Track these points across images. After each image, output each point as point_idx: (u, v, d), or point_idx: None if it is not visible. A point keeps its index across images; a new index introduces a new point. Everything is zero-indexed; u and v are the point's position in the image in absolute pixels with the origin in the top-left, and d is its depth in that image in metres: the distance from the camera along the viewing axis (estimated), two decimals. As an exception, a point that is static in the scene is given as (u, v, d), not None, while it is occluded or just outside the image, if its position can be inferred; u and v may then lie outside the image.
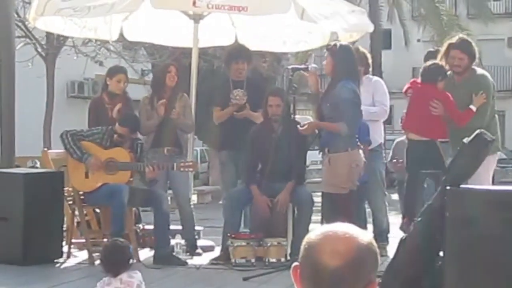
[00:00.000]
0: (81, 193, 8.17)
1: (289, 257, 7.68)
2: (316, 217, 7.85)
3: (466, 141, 5.70)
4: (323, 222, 7.36)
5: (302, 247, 2.04)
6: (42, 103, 20.35)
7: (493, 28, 32.16)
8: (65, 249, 8.14)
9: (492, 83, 7.95)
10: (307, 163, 8.42)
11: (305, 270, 2.02)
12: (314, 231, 2.05)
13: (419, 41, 34.73)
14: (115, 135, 8.07)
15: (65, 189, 8.22)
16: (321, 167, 7.69)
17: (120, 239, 5.60)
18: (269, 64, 21.61)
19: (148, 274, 5.86)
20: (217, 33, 9.75)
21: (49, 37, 18.80)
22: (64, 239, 8.22)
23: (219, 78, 13.27)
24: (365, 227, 8.00)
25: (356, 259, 1.97)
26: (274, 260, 7.68)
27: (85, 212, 8.40)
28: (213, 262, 7.92)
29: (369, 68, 8.79)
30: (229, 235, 7.81)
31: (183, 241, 8.31)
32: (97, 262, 7.83)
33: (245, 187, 8.11)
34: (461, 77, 7.77)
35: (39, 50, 19.55)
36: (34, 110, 20.60)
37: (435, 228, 5.53)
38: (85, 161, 8.00)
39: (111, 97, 8.64)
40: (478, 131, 5.77)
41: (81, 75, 24.64)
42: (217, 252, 8.24)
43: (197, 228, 8.90)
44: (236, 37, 9.72)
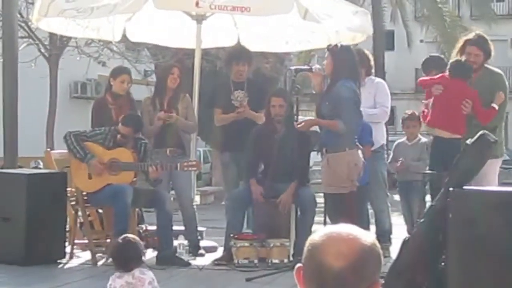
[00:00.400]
0: (84, 193, 8.17)
1: (292, 258, 7.68)
2: (319, 218, 7.84)
3: (469, 142, 5.70)
4: (326, 223, 7.37)
5: (305, 248, 2.04)
6: (45, 104, 20.37)
7: (496, 29, 32.11)
8: (68, 249, 8.14)
9: (505, 81, 7.88)
10: (310, 164, 8.42)
11: (309, 271, 2.02)
12: (317, 232, 2.05)
13: (422, 42, 34.75)
14: (118, 135, 8.08)
15: (68, 189, 8.22)
16: (320, 168, 7.68)
17: (131, 235, 5.58)
18: (272, 65, 21.58)
19: (150, 274, 5.85)
20: (219, 34, 9.75)
21: (52, 37, 18.82)
22: (66, 239, 8.22)
23: (221, 79, 13.28)
24: (367, 228, 7.99)
25: (359, 260, 1.97)
26: (277, 261, 7.68)
27: (88, 212, 8.41)
28: (216, 262, 7.92)
29: (371, 69, 8.78)
30: (232, 235, 7.81)
31: (185, 242, 8.30)
32: (100, 262, 7.85)
33: (247, 188, 8.11)
34: (475, 74, 7.65)
35: (42, 50, 19.56)
36: (37, 110, 20.62)
37: (438, 229, 5.53)
38: (87, 162, 8.00)
39: (115, 98, 8.65)
40: (481, 132, 5.77)
41: (84, 75, 24.67)
42: (220, 252, 8.24)
43: (199, 228, 8.90)
44: (238, 37, 9.73)
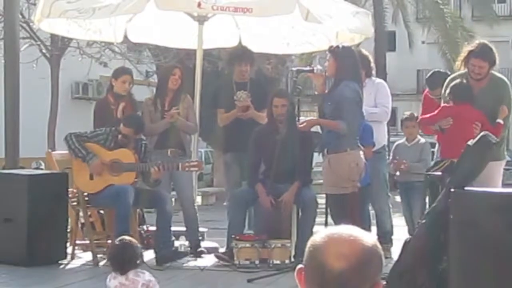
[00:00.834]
0: (85, 194, 8.17)
1: (293, 259, 7.67)
2: (320, 219, 7.84)
3: (470, 143, 5.70)
4: (327, 223, 7.37)
5: (306, 249, 2.03)
6: (46, 104, 20.39)
7: (498, 30, 32.15)
8: (69, 250, 8.14)
9: (507, 86, 7.70)
10: (312, 164, 8.41)
11: (310, 272, 2.02)
12: (318, 233, 2.05)
13: (423, 43, 34.77)
14: (120, 135, 8.08)
15: (69, 190, 8.22)
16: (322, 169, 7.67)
17: (129, 237, 5.57)
18: (274, 66, 21.59)
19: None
20: (221, 34, 9.74)
21: (53, 38, 18.84)
22: (68, 240, 8.22)
23: (224, 79, 13.28)
24: (369, 229, 7.99)
25: (361, 261, 1.97)
26: (278, 261, 7.68)
27: (89, 213, 8.41)
28: (218, 255, 7.91)
29: (372, 70, 8.77)
30: (233, 236, 7.81)
31: (187, 243, 8.30)
32: (101, 263, 7.85)
33: (249, 189, 8.11)
34: (480, 83, 7.45)
35: (44, 51, 19.59)
36: (38, 111, 20.63)
37: (439, 230, 5.53)
38: (88, 161, 8.00)
39: (116, 98, 8.65)
40: (482, 133, 5.77)
41: (85, 76, 24.67)
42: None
43: (201, 229, 8.89)
44: (240, 38, 9.73)
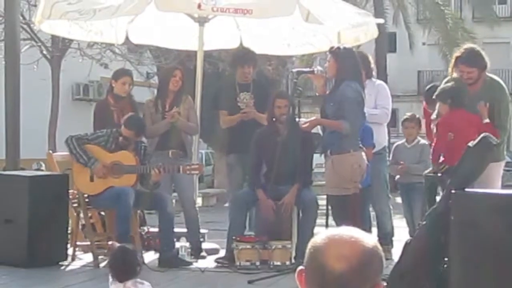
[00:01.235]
0: (86, 195, 8.17)
1: (293, 260, 7.67)
2: (320, 220, 7.84)
3: (471, 144, 5.70)
4: (328, 225, 7.37)
5: (307, 251, 2.03)
6: (47, 106, 20.38)
7: (498, 31, 32.19)
8: (70, 251, 8.13)
9: (503, 88, 7.50)
10: (312, 166, 8.41)
11: (311, 274, 2.02)
12: (319, 235, 2.05)
13: (424, 44, 34.79)
14: (120, 137, 8.07)
15: (70, 191, 8.22)
16: (324, 170, 7.67)
17: (128, 244, 5.55)
18: (274, 67, 21.58)
19: (153, 277, 5.86)
20: (222, 36, 9.74)
21: (54, 39, 18.82)
22: (68, 241, 8.22)
23: (224, 81, 13.27)
24: (369, 230, 7.99)
25: (361, 263, 1.97)
26: (278, 263, 7.68)
27: (89, 214, 8.40)
28: (218, 261, 7.91)
29: (372, 72, 8.76)
30: (234, 238, 7.81)
31: (187, 244, 8.30)
32: (102, 264, 7.85)
33: (250, 190, 8.11)
34: (474, 88, 7.36)
35: (44, 52, 19.58)
36: (39, 112, 20.62)
37: (440, 231, 5.53)
38: (91, 166, 8.00)
39: (117, 100, 8.65)
40: (483, 134, 5.77)
41: (86, 77, 24.67)
42: (222, 255, 8.21)
43: (202, 231, 8.89)
44: (241, 40, 9.73)
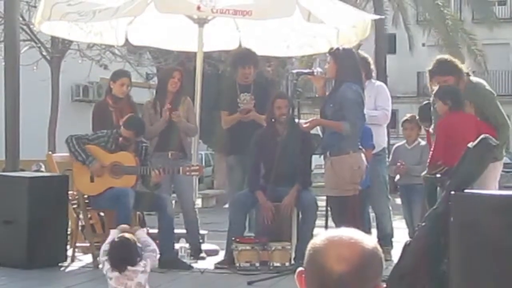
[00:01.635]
0: (86, 196, 8.17)
1: (293, 261, 7.67)
2: (320, 221, 7.84)
3: (470, 145, 5.70)
4: (327, 226, 7.37)
5: (307, 252, 2.03)
6: (46, 107, 20.36)
7: (498, 32, 32.16)
8: (70, 252, 8.14)
9: (487, 91, 7.47)
10: (312, 167, 8.41)
11: (310, 275, 2.02)
12: (319, 236, 2.05)
13: (424, 45, 34.75)
14: (120, 138, 8.07)
15: (70, 192, 8.23)
16: (324, 171, 7.67)
17: (127, 235, 5.59)
18: (274, 68, 21.58)
19: (152, 278, 5.85)
20: (221, 37, 9.74)
21: (54, 40, 18.82)
22: (68, 242, 8.22)
23: (224, 82, 13.25)
24: (369, 231, 8.00)
25: (361, 264, 1.97)
26: (278, 264, 7.68)
27: (89, 215, 8.40)
28: (218, 266, 7.92)
29: (372, 73, 8.77)
30: (233, 239, 7.81)
31: (187, 245, 8.30)
32: (101, 265, 7.84)
33: (250, 192, 8.10)
34: None
35: (44, 53, 19.57)
36: (38, 113, 20.61)
37: (439, 232, 5.54)
38: (89, 164, 8.00)
39: (115, 101, 8.65)
40: (482, 135, 5.78)
41: (85, 78, 24.64)
42: (222, 256, 8.23)
43: (201, 232, 8.89)
44: (240, 41, 9.73)
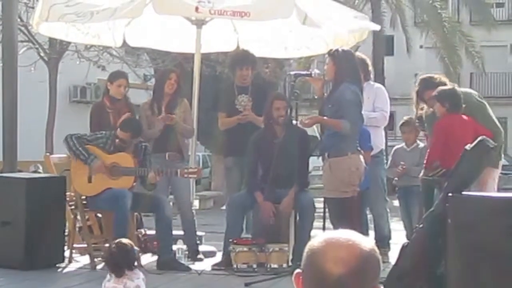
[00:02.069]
0: (83, 197, 8.17)
1: (290, 263, 7.67)
2: (318, 223, 7.85)
3: (468, 147, 5.71)
4: (325, 228, 7.37)
5: (304, 254, 2.03)
6: (44, 108, 20.39)
7: (496, 34, 32.18)
8: (67, 253, 8.13)
9: (475, 103, 7.61)
10: (310, 168, 8.41)
11: (308, 277, 2.01)
12: (316, 238, 2.05)
13: (421, 47, 34.79)
14: (117, 139, 8.06)
15: (67, 193, 8.22)
16: (322, 173, 7.68)
17: (125, 240, 5.62)
18: (272, 70, 21.59)
19: (150, 279, 5.86)
20: (219, 38, 9.75)
21: (52, 41, 18.85)
22: (66, 243, 8.22)
23: (222, 83, 13.25)
24: (366, 233, 8.00)
25: (359, 266, 1.97)
26: (276, 265, 7.68)
27: (87, 217, 8.40)
28: (215, 267, 7.91)
29: (370, 74, 8.79)
30: (231, 240, 7.81)
31: (184, 247, 8.30)
32: (98, 266, 7.85)
33: (247, 193, 8.10)
34: None
35: (42, 54, 19.59)
36: (36, 114, 20.62)
37: (437, 234, 5.54)
38: (90, 163, 7.99)
39: (113, 102, 8.65)
40: (480, 138, 5.78)
41: (83, 79, 24.69)
42: (219, 257, 8.23)
43: (198, 233, 8.89)
44: (238, 42, 9.73)
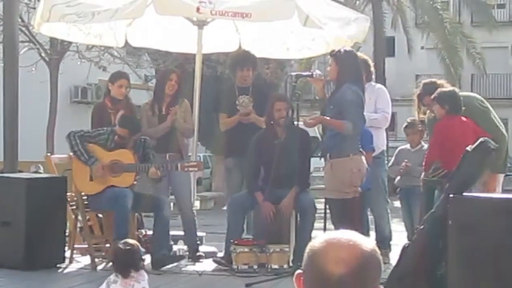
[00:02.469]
0: (84, 198, 8.17)
1: (291, 264, 7.67)
2: (318, 223, 7.84)
3: (469, 148, 5.70)
4: (326, 228, 7.37)
5: (305, 254, 2.02)
6: (45, 108, 20.40)
7: (497, 36, 32.20)
8: (68, 254, 8.13)
9: (478, 108, 7.70)
10: (310, 169, 8.41)
11: (309, 277, 2.01)
12: (317, 239, 2.04)
13: (422, 48, 34.81)
14: (116, 136, 8.07)
15: (68, 194, 8.22)
16: (323, 174, 7.68)
17: (131, 240, 5.67)
18: (273, 70, 21.61)
19: (150, 279, 5.84)
20: (221, 39, 9.74)
21: (52, 42, 18.86)
22: (66, 244, 8.22)
23: (223, 84, 13.25)
24: (367, 234, 8.00)
25: (360, 267, 1.96)
26: (276, 266, 7.68)
27: (87, 217, 8.40)
28: (216, 260, 7.90)
29: (372, 75, 8.79)
30: (231, 241, 7.80)
31: (185, 247, 8.30)
32: (99, 267, 7.85)
33: (248, 194, 8.10)
34: None
35: (43, 55, 19.61)
36: (37, 115, 20.64)
37: (438, 235, 5.53)
38: (91, 165, 8.00)
39: (114, 102, 8.65)
40: (481, 139, 5.78)
41: (84, 80, 24.73)
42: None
43: (199, 234, 8.88)
44: (240, 43, 9.73)
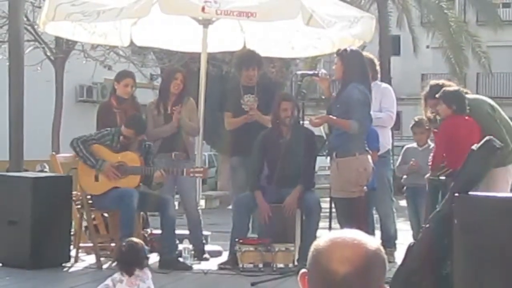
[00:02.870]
0: (89, 197, 8.17)
1: (296, 263, 7.67)
2: (324, 223, 7.84)
3: (474, 147, 5.70)
4: (331, 227, 7.37)
5: (310, 253, 2.02)
6: (50, 107, 20.42)
7: (502, 34, 32.16)
8: (73, 253, 8.14)
9: (486, 114, 7.66)
10: (316, 168, 8.40)
11: (314, 276, 2.01)
12: (322, 238, 2.04)
13: (428, 47, 34.77)
14: (121, 136, 8.07)
15: (74, 193, 8.23)
16: (329, 172, 7.68)
17: (136, 239, 5.69)
18: (278, 69, 21.60)
19: (155, 279, 5.86)
20: (226, 38, 9.75)
21: (58, 41, 18.88)
22: (72, 243, 8.23)
23: (228, 83, 13.25)
24: (372, 233, 7.99)
25: (364, 266, 1.96)
26: (281, 265, 7.68)
27: (93, 216, 8.41)
28: (221, 266, 7.92)
29: (377, 74, 8.78)
30: (237, 240, 7.81)
31: (190, 246, 8.30)
32: (104, 266, 7.85)
33: (250, 193, 8.10)
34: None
35: (48, 54, 19.62)
36: (42, 114, 20.65)
37: (443, 234, 5.53)
38: (99, 168, 7.99)
39: (119, 102, 8.65)
40: (487, 138, 5.77)
41: (90, 79, 24.75)
42: (225, 257, 8.23)
43: (204, 233, 8.89)
44: (245, 42, 9.73)
